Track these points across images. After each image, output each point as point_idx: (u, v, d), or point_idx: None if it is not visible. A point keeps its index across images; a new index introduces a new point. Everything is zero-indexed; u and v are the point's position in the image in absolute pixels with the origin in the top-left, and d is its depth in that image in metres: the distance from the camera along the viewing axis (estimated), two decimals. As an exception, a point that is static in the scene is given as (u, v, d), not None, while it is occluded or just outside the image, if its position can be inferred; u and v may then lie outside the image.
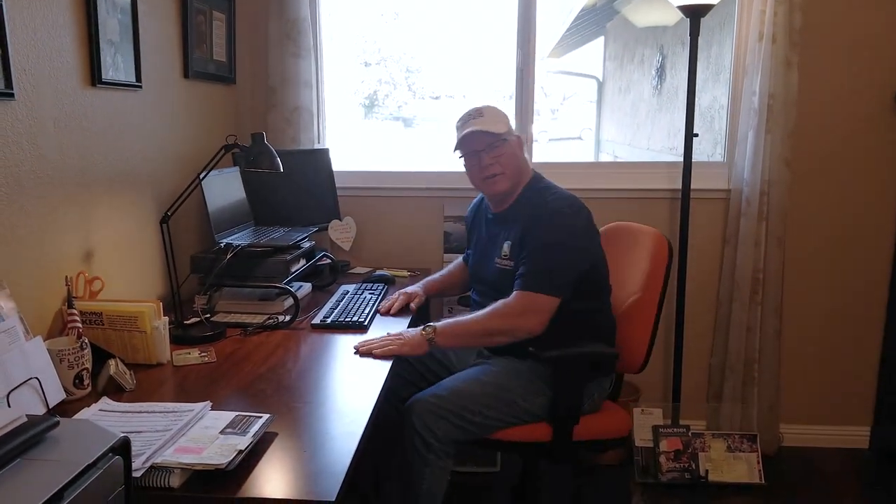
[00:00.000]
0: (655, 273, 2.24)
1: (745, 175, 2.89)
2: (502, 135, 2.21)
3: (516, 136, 2.27)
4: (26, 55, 1.74)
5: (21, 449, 1.01)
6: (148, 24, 2.30)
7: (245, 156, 2.19)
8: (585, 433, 2.13)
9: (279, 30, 2.92)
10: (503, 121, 2.25)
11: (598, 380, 2.20)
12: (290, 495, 1.24)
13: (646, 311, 2.24)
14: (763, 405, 3.01)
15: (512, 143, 2.23)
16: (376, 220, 3.16)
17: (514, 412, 2.09)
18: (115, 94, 2.14)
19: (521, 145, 2.27)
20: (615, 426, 2.22)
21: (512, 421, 2.10)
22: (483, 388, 2.08)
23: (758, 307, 2.93)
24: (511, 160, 2.22)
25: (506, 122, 2.26)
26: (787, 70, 2.78)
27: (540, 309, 2.05)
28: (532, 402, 2.10)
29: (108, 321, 1.86)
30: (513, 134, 2.25)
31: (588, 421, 2.14)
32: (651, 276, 2.25)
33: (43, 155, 1.82)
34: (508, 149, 2.21)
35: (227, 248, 2.28)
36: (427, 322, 2.11)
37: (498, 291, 2.16)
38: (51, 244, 1.86)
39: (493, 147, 2.19)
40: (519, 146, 2.26)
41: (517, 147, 2.25)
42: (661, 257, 2.25)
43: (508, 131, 2.24)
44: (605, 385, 2.24)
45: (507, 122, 2.27)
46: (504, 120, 2.26)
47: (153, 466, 1.26)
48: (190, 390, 1.71)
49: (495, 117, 2.23)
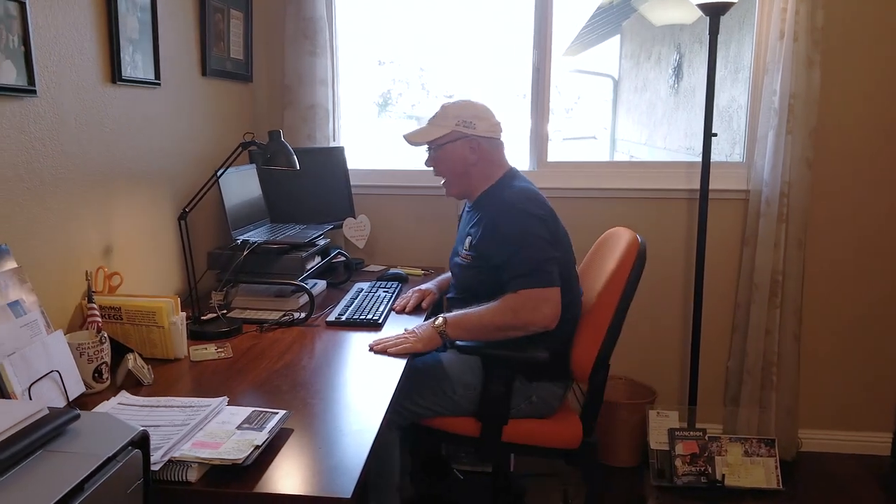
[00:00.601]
0: (617, 276, 2.09)
1: (764, 175, 2.86)
2: (437, 140, 2.19)
3: (465, 138, 2.17)
4: (48, 53, 1.75)
5: (43, 441, 1.02)
6: (167, 23, 2.31)
7: (262, 153, 2.20)
8: (519, 436, 2.11)
9: (296, 28, 2.93)
10: (448, 123, 2.18)
11: (541, 383, 2.14)
12: (307, 492, 1.24)
13: (599, 314, 2.10)
14: (781, 409, 2.98)
15: (452, 147, 2.18)
16: (390, 218, 3.16)
17: (443, 402, 2.10)
18: (135, 91, 2.16)
19: (472, 147, 2.17)
20: (557, 436, 2.13)
21: (440, 411, 2.11)
22: (417, 375, 2.08)
23: (777, 310, 2.90)
24: (449, 165, 2.20)
25: (452, 123, 2.17)
26: (808, 69, 2.75)
27: (548, 300, 1.99)
28: (461, 394, 2.11)
29: (126, 316, 1.87)
30: (462, 134, 2.17)
31: (526, 425, 2.11)
32: (612, 279, 2.11)
33: (64, 151, 1.83)
34: (445, 154, 2.19)
35: (243, 245, 2.29)
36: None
37: (459, 286, 2.21)
38: (71, 239, 1.88)
39: (432, 153, 2.23)
40: (468, 148, 2.17)
41: (463, 149, 2.18)
42: (627, 260, 2.10)
43: (450, 134, 2.17)
44: (556, 390, 2.17)
45: (459, 121, 2.17)
46: (450, 122, 2.18)
47: (171, 460, 1.26)
48: (207, 385, 1.72)
49: (440, 118, 2.20)
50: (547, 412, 2.16)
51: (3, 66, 1.58)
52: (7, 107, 1.63)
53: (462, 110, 2.18)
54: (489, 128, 2.19)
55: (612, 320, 2.06)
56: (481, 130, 2.18)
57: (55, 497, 0.91)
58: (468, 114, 2.18)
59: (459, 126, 2.17)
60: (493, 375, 2.06)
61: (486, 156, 2.20)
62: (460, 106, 2.20)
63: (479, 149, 2.18)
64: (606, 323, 2.07)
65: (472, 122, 2.17)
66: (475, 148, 2.18)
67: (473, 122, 2.17)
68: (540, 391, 2.14)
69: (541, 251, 2.03)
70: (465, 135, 2.17)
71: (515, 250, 2.03)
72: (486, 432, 2.09)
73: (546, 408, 2.16)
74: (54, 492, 0.92)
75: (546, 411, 2.16)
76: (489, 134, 2.20)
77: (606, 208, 3.04)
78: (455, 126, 2.17)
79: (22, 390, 1.40)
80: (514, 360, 2.05)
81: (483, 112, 2.20)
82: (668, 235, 3.07)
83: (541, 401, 2.14)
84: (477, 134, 2.18)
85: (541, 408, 2.15)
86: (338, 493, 1.23)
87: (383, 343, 1.98)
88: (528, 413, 2.12)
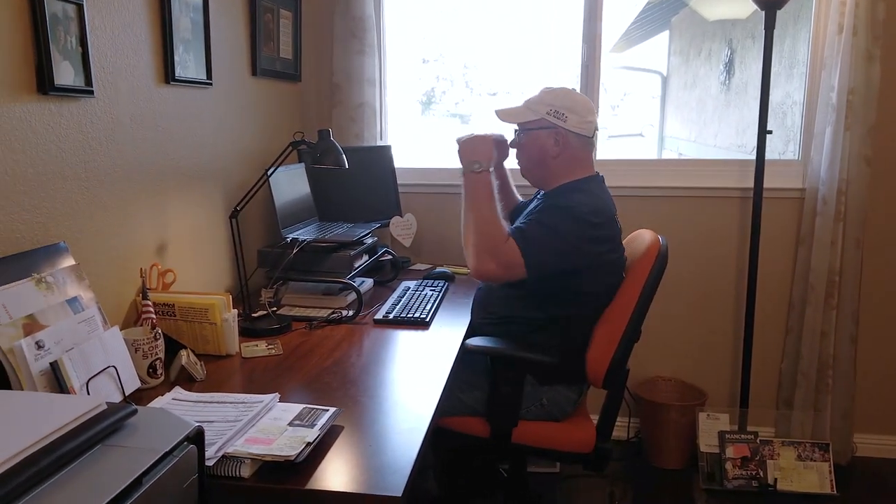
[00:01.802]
0: (636, 278, 2.01)
1: (821, 173, 2.79)
2: (524, 124, 2.12)
3: (552, 128, 2.07)
4: (105, 54, 1.79)
5: (102, 435, 1.03)
6: (218, 23, 2.35)
7: (312, 152, 2.21)
8: (528, 439, 2.07)
9: (344, 27, 2.95)
10: (540, 109, 2.09)
11: (553, 387, 2.10)
12: (357, 489, 1.24)
13: (615, 318, 2.02)
14: (836, 413, 2.90)
15: (537, 134, 2.10)
16: (436, 217, 3.16)
17: (451, 402, 2.07)
18: (187, 91, 2.19)
19: (557, 139, 2.08)
20: (568, 440, 2.09)
21: (449, 410, 2.08)
22: None
23: (833, 311, 2.82)
24: (530, 151, 2.13)
25: (544, 110, 2.08)
26: (868, 64, 2.66)
27: (501, 255, 1.96)
28: (469, 394, 2.09)
29: (179, 312, 1.90)
30: (550, 124, 2.07)
31: (536, 427, 2.08)
32: (630, 282, 2.04)
33: (120, 150, 1.87)
34: (529, 139, 2.12)
35: (292, 243, 2.32)
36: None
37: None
38: (126, 237, 1.92)
39: (519, 134, 2.16)
40: (553, 139, 2.08)
41: (547, 139, 2.09)
42: (647, 261, 2.02)
43: (538, 121, 2.08)
44: (569, 395, 2.12)
45: (551, 110, 2.07)
46: (542, 108, 2.09)
47: (225, 456, 1.28)
48: (258, 382, 1.74)
49: (534, 103, 2.11)
50: (560, 416, 2.12)
51: (62, 68, 1.62)
52: (66, 107, 1.67)
53: (557, 99, 2.08)
54: (580, 123, 2.08)
55: (629, 324, 1.98)
56: (571, 124, 2.07)
57: (115, 491, 0.92)
58: (562, 104, 2.07)
59: (550, 115, 2.07)
60: (501, 376, 2.02)
61: (570, 151, 2.10)
62: (558, 94, 2.10)
63: (564, 142, 2.08)
64: (622, 326, 1.99)
65: (564, 113, 2.06)
66: (560, 141, 2.08)
67: (565, 113, 2.06)
68: (552, 395, 2.10)
69: (547, 241, 1.97)
70: (552, 125, 2.07)
71: (537, 222, 2.00)
72: (495, 433, 2.07)
73: (559, 412, 2.11)
74: (114, 486, 0.93)
75: (559, 415, 2.12)
76: (578, 130, 2.08)
77: (656, 207, 2.99)
78: (546, 114, 2.08)
79: (80, 385, 1.44)
80: (522, 362, 2.02)
81: (580, 106, 2.08)
82: (720, 234, 3.01)
83: (552, 404, 2.10)
84: (566, 127, 2.07)
85: (553, 411, 2.10)
86: (389, 491, 1.23)
87: None
88: (538, 416, 2.09)
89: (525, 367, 2.03)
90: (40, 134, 1.60)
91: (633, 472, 2.97)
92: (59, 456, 0.95)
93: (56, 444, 0.97)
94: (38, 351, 1.40)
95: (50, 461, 0.94)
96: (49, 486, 0.92)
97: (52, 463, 0.94)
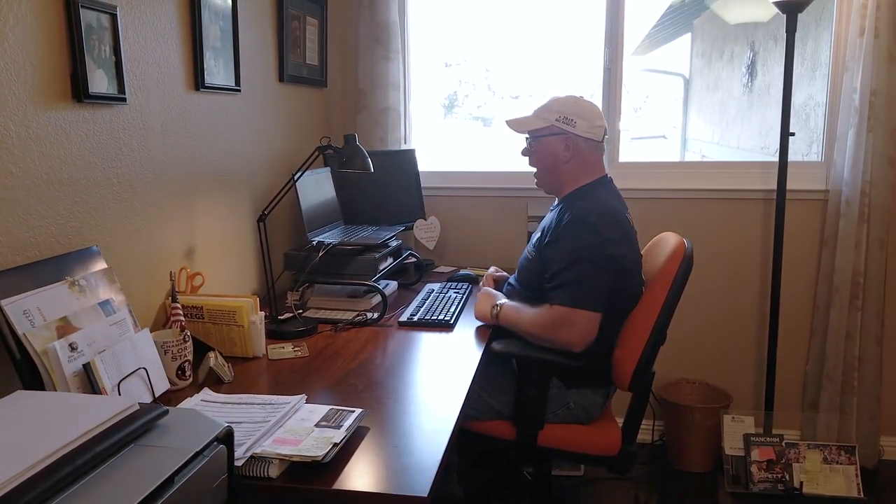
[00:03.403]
0: (661, 281, 2.02)
1: (844, 175, 2.77)
2: (534, 131, 2.16)
3: (562, 134, 2.12)
4: (137, 62, 1.83)
5: (134, 435, 1.06)
6: (247, 31, 2.39)
7: (338, 157, 2.25)
8: (554, 441, 2.08)
9: (369, 34, 2.98)
10: (549, 116, 2.13)
11: (580, 390, 2.10)
12: (384, 490, 1.27)
13: (641, 321, 2.02)
14: (862, 415, 2.88)
15: (547, 141, 2.14)
16: (460, 220, 3.18)
17: (478, 405, 2.09)
18: (216, 97, 2.23)
19: (567, 144, 2.12)
20: (594, 443, 2.10)
21: (475, 414, 2.10)
22: None
23: (858, 312, 2.80)
24: (542, 158, 2.18)
25: (553, 117, 2.12)
26: (890, 65, 2.65)
27: (574, 324, 1.96)
28: (496, 398, 2.10)
29: (208, 315, 1.94)
30: (560, 130, 2.12)
31: (562, 430, 2.09)
32: (655, 285, 2.04)
33: (151, 156, 1.92)
34: (540, 146, 2.17)
35: (318, 246, 2.35)
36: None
37: (519, 277, 2.23)
38: (157, 240, 1.96)
39: (531, 142, 2.21)
40: (563, 145, 2.13)
41: (557, 145, 2.13)
42: (672, 265, 2.02)
43: (548, 128, 2.13)
44: (596, 399, 2.12)
45: (560, 116, 2.11)
46: (551, 115, 2.13)
47: (253, 456, 1.31)
48: (284, 383, 1.77)
49: (543, 110, 2.15)
50: (585, 420, 2.13)
51: (96, 76, 1.67)
52: (99, 114, 1.71)
53: (565, 106, 2.13)
54: (589, 129, 2.12)
55: (655, 327, 1.98)
56: (580, 130, 2.11)
57: (148, 490, 0.95)
58: (571, 111, 2.11)
59: (559, 121, 2.11)
60: (528, 379, 2.04)
61: (581, 156, 2.14)
62: (566, 102, 2.14)
63: (574, 148, 2.12)
64: (648, 330, 1.98)
65: (573, 119, 2.11)
66: (570, 146, 2.12)
67: (574, 119, 2.11)
68: (578, 398, 2.10)
69: (589, 273, 1.97)
70: (562, 131, 2.12)
71: (566, 264, 2.00)
72: (521, 436, 2.08)
73: (585, 415, 2.12)
74: (146, 484, 0.96)
75: (585, 419, 2.13)
76: (588, 135, 2.12)
77: (679, 209, 2.99)
78: (555, 121, 2.12)
79: (112, 386, 1.47)
80: (548, 364, 2.03)
81: (588, 112, 2.12)
82: (744, 236, 3.00)
83: (579, 408, 2.11)
84: (575, 132, 2.11)
85: (579, 415, 2.11)
86: (415, 492, 1.25)
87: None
88: (565, 419, 2.10)
89: (551, 370, 2.04)
90: (75, 141, 1.64)
91: (657, 475, 2.97)
92: (93, 455, 0.98)
93: (91, 443, 1.00)
94: (71, 353, 1.43)
95: (85, 460, 0.97)
96: (84, 485, 0.95)
97: (87, 462, 0.97)
